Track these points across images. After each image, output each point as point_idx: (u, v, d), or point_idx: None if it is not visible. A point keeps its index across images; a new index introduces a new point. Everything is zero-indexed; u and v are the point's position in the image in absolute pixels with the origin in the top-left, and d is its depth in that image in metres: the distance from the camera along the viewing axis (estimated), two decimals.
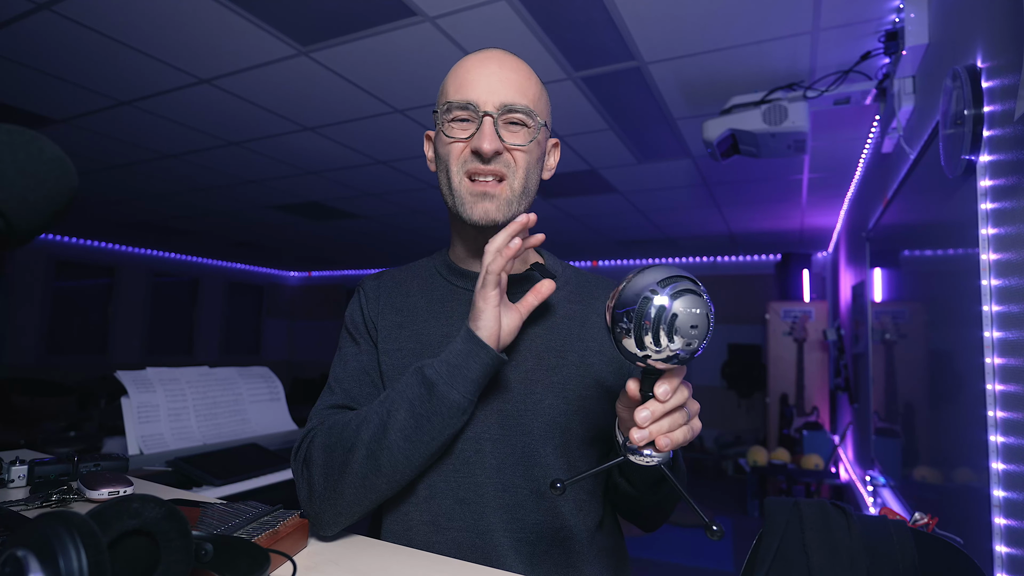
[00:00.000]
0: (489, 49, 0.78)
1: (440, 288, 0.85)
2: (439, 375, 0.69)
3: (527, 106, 0.74)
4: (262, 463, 1.63)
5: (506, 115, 0.74)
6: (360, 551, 0.69)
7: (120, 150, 3.38)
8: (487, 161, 0.73)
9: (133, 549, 0.48)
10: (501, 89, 0.73)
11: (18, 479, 0.93)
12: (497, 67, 0.75)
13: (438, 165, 0.79)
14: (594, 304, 0.84)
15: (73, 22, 2.01)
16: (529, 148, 0.75)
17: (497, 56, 0.77)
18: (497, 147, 0.72)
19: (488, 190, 0.74)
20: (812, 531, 0.81)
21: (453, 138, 0.74)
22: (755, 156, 2.21)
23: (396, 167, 3.62)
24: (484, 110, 0.73)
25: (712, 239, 5.88)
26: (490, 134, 0.72)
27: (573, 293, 0.85)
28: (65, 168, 0.44)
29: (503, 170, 0.74)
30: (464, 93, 0.74)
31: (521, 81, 0.76)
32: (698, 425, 0.61)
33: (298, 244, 6.65)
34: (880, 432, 2.54)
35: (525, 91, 0.75)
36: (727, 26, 1.95)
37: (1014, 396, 0.99)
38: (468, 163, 0.74)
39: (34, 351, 6.03)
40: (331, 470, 0.70)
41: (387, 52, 2.17)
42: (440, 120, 0.76)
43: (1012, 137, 0.98)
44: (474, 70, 0.75)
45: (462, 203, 0.75)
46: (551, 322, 0.81)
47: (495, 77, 0.74)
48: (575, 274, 0.89)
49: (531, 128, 0.75)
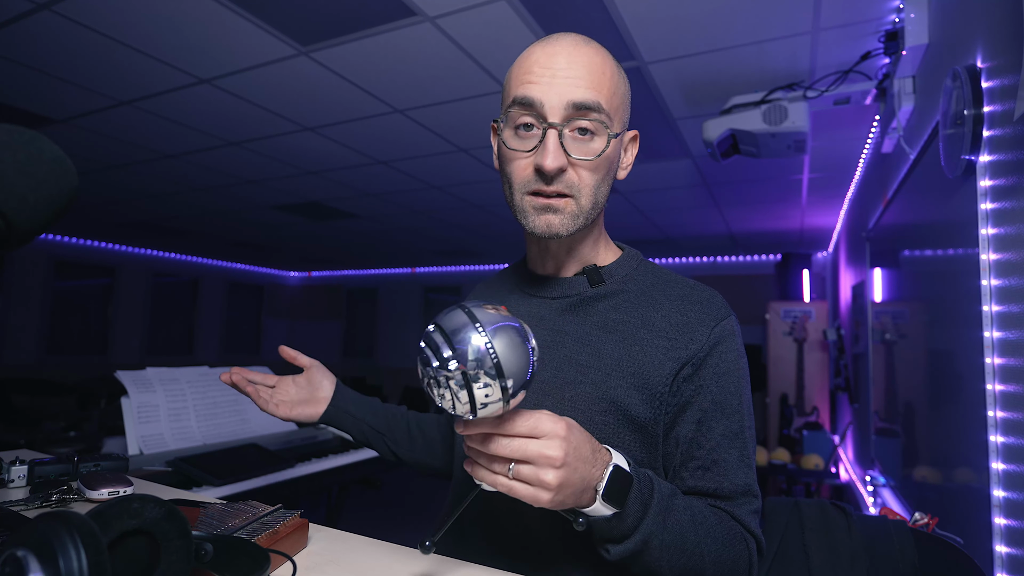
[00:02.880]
0: (561, 37, 0.69)
1: (511, 290, 0.84)
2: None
3: (599, 102, 0.66)
4: (262, 463, 1.63)
5: (575, 120, 0.66)
6: (360, 551, 0.69)
7: (120, 150, 3.38)
8: (550, 180, 0.67)
9: (133, 549, 0.48)
10: (569, 87, 0.65)
11: (18, 479, 0.93)
12: (567, 60, 0.66)
13: (501, 169, 0.73)
14: (650, 317, 0.73)
15: (73, 22, 2.01)
16: (597, 163, 0.68)
17: (568, 46, 0.67)
18: (561, 163, 0.66)
19: (552, 203, 0.68)
20: (812, 531, 0.81)
21: (515, 149, 0.68)
22: (755, 156, 2.21)
23: (396, 167, 3.62)
24: (549, 119, 0.65)
25: (712, 239, 5.88)
26: (554, 150, 0.65)
27: (627, 302, 0.75)
28: (65, 168, 0.44)
29: (567, 190, 0.68)
30: (528, 89, 0.66)
31: (594, 75, 0.67)
32: (524, 493, 0.53)
33: (298, 244, 6.65)
34: (880, 432, 2.54)
35: (599, 86, 0.67)
36: (727, 26, 1.95)
37: (1014, 396, 0.99)
38: (531, 183, 0.68)
39: (34, 351, 6.03)
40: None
41: (387, 52, 2.17)
42: (503, 117, 0.69)
43: (1012, 137, 0.98)
44: (542, 61, 0.67)
45: (524, 215, 0.70)
46: (583, 333, 0.74)
47: (564, 72, 0.66)
48: (649, 279, 0.77)
49: (602, 137, 0.68)
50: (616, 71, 0.70)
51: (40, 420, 4.39)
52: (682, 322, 0.71)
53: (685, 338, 0.70)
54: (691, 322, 0.71)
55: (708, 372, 0.70)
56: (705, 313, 0.72)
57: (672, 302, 0.74)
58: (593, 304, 0.75)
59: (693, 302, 0.73)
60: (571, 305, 0.75)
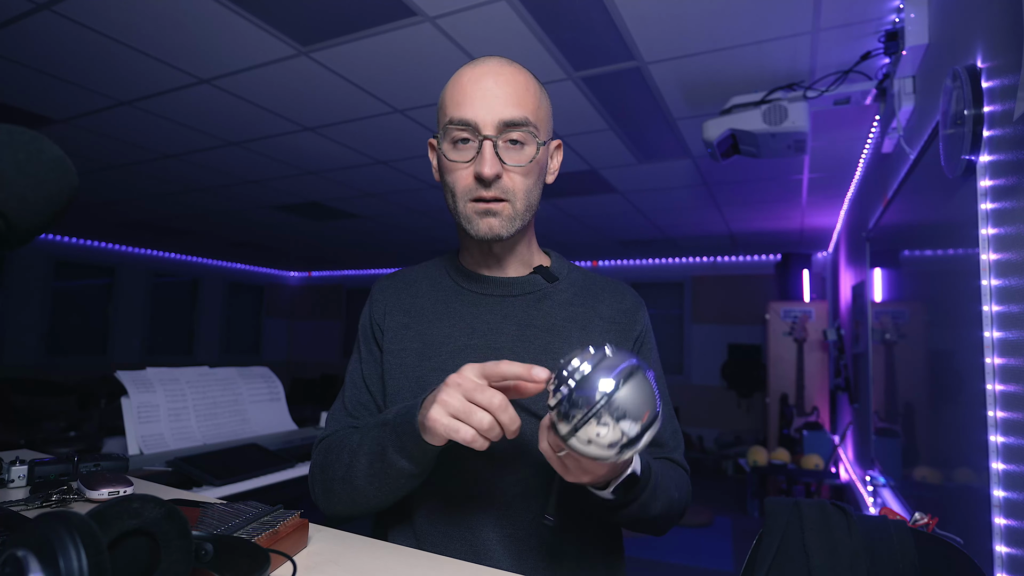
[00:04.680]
0: (486, 60, 0.78)
1: (447, 289, 0.87)
2: (390, 442, 0.69)
3: (526, 117, 0.75)
4: (262, 463, 1.63)
5: (506, 133, 0.74)
6: (360, 551, 0.69)
7: (120, 150, 3.38)
8: (489, 185, 0.74)
9: (133, 549, 0.48)
10: (499, 106, 0.73)
11: (18, 479, 0.93)
12: (493, 82, 0.75)
13: (443, 181, 0.80)
14: (597, 308, 0.84)
15: (73, 22, 2.01)
16: (529, 168, 0.76)
17: (494, 68, 0.76)
18: (498, 171, 0.74)
19: (491, 207, 0.76)
20: (812, 531, 0.81)
21: (455, 161, 0.75)
22: (755, 156, 2.21)
23: (396, 167, 3.62)
24: (484, 133, 0.73)
25: (712, 239, 5.89)
26: (490, 159, 0.73)
27: (576, 296, 0.85)
28: (65, 168, 0.44)
29: (503, 195, 0.76)
30: (462, 111, 0.74)
31: (519, 93, 0.75)
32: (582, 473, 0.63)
33: (298, 244, 6.65)
34: (880, 432, 2.55)
35: (524, 103, 0.75)
36: (727, 26, 1.95)
37: (1014, 396, 0.99)
38: (472, 191, 0.76)
39: (34, 351, 6.03)
40: (325, 486, 0.79)
41: (387, 52, 2.17)
42: (441, 135, 0.77)
43: (1012, 137, 0.98)
44: (471, 84, 0.75)
45: (468, 221, 0.77)
46: (551, 324, 0.82)
47: (492, 93, 0.74)
48: (581, 276, 0.89)
49: (531, 146, 0.76)
50: (538, 88, 0.80)
51: (40, 420, 4.39)
52: (622, 309, 0.86)
53: (629, 322, 0.85)
54: (629, 308, 0.86)
55: (645, 349, 0.86)
56: (635, 301, 0.88)
57: (608, 294, 0.87)
58: (552, 298, 0.84)
59: (620, 292, 0.88)
60: (536, 300, 0.83)
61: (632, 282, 7.10)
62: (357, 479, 0.73)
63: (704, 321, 6.91)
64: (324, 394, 7.86)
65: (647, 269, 7.30)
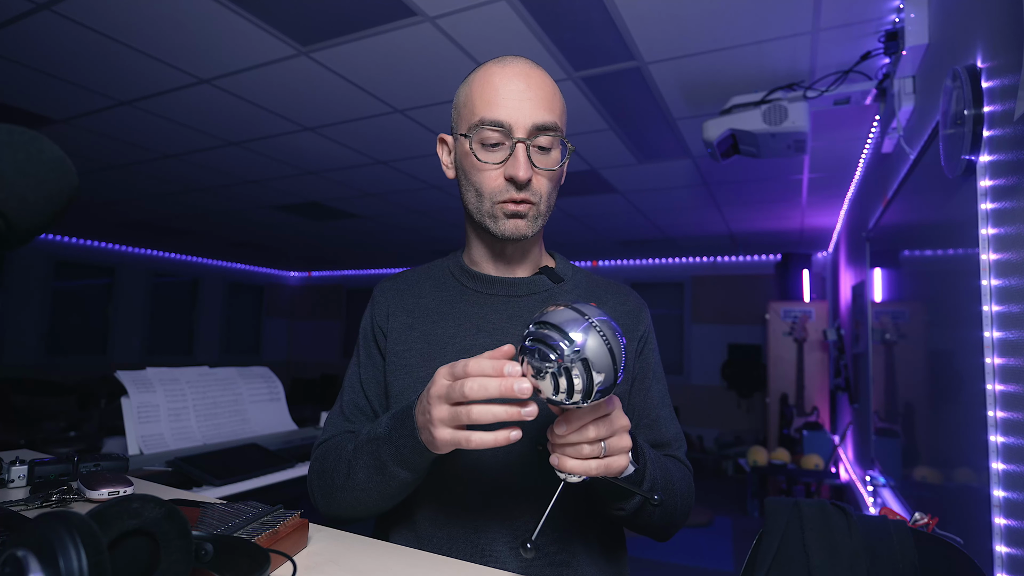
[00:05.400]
0: (513, 61, 0.77)
1: (451, 289, 0.86)
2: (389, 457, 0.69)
3: (555, 122, 0.76)
4: (262, 463, 1.63)
5: (537, 137, 0.75)
6: (360, 551, 0.69)
7: (120, 150, 3.38)
8: (521, 188, 0.75)
9: (133, 549, 0.48)
10: (531, 109, 0.74)
11: (18, 479, 0.93)
12: (525, 84, 0.75)
13: (464, 178, 0.80)
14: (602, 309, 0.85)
15: (73, 22, 2.02)
16: (555, 173, 0.79)
17: (524, 70, 0.76)
18: (531, 175, 0.75)
19: (520, 209, 0.77)
20: (812, 531, 0.81)
21: (486, 162, 0.75)
22: (755, 156, 2.21)
23: (396, 167, 3.62)
24: (517, 136, 0.73)
25: (712, 239, 5.89)
26: (524, 163, 0.73)
27: (581, 297, 0.85)
28: (65, 168, 0.44)
29: (531, 197, 0.77)
30: (495, 111, 0.74)
31: (549, 97, 0.76)
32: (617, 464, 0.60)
33: (298, 244, 6.65)
34: (880, 432, 2.55)
35: (553, 107, 0.76)
36: (727, 26, 1.95)
37: (1014, 396, 0.99)
38: (502, 192, 0.76)
39: (34, 351, 6.03)
40: (325, 492, 0.78)
41: (387, 52, 2.17)
42: (470, 136, 0.76)
43: (1012, 137, 0.98)
44: (504, 86, 0.74)
45: (494, 220, 0.77)
46: None
47: (524, 95, 0.74)
48: (585, 278, 0.90)
49: (557, 150, 0.77)
50: (559, 90, 0.80)
51: (40, 420, 4.39)
52: (626, 310, 0.86)
53: (633, 322, 0.85)
54: (632, 309, 0.87)
55: (648, 348, 0.86)
56: (638, 301, 0.89)
57: (611, 295, 0.88)
58: (559, 299, 0.84)
59: (624, 294, 0.89)
60: (541, 301, 0.83)
61: (632, 282, 7.10)
62: (357, 489, 0.73)
63: (704, 321, 6.90)
64: (324, 394, 7.86)
65: (647, 269, 7.30)
